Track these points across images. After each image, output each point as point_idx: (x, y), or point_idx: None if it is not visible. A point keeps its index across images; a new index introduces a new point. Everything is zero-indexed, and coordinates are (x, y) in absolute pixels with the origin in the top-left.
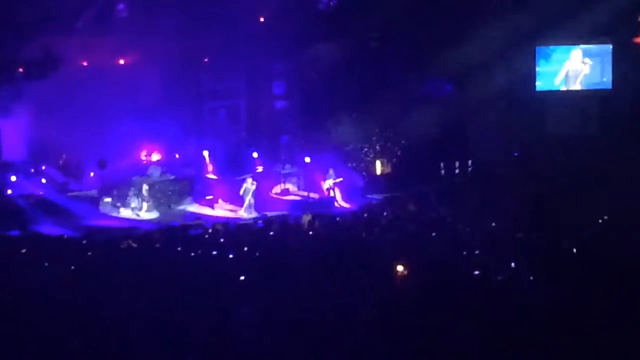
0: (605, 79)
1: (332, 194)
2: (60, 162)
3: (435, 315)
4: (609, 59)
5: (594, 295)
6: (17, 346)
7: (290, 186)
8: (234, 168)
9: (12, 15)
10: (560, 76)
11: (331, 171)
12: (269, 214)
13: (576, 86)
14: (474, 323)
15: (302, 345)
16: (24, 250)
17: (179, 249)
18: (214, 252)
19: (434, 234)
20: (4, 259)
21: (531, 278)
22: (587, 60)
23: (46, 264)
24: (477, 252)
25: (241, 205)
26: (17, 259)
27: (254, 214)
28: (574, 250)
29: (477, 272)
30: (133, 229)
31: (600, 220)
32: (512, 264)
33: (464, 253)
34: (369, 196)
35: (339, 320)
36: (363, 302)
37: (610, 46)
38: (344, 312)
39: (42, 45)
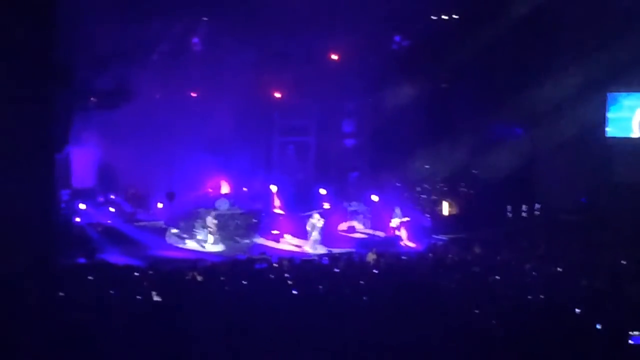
0: None
1: (398, 233)
2: (130, 192)
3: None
4: None
5: None
6: None
7: (356, 224)
8: (301, 204)
9: (87, 45)
10: (634, 123)
11: (398, 210)
12: (335, 250)
13: None
14: None
15: None
16: (90, 278)
17: (244, 282)
18: (278, 287)
19: (497, 277)
20: (71, 287)
21: (597, 325)
22: None
23: (112, 293)
24: (541, 297)
25: (307, 241)
26: (84, 287)
27: (319, 250)
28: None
29: (538, 317)
30: (199, 260)
31: None
32: (577, 310)
33: (529, 297)
34: (435, 237)
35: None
36: (424, 345)
37: None
38: (407, 353)
39: (116, 76)
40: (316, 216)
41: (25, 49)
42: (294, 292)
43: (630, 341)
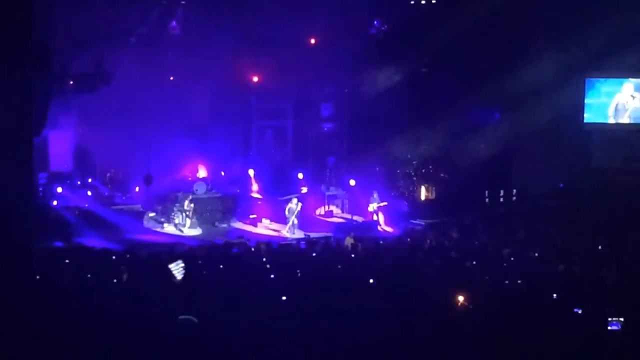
0: None
1: (375, 217)
2: (108, 175)
3: (473, 345)
4: None
5: None
6: (58, 356)
7: (334, 208)
8: (278, 188)
9: (66, 28)
10: (611, 109)
11: (375, 195)
12: (312, 234)
13: (625, 119)
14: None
15: None
16: (67, 262)
17: (222, 266)
18: (256, 272)
19: (475, 263)
20: (47, 271)
21: (574, 310)
22: (637, 94)
23: (89, 276)
24: (519, 282)
25: (285, 225)
26: (60, 270)
27: (297, 234)
28: (618, 282)
29: (515, 302)
30: (176, 244)
31: None
32: (554, 295)
33: (506, 282)
34: (413, 221)
35: (380, 345)
36: (403, 330)
37: None
38: (385, 338)
39: (94, 59)
40: (294, 200)
41: (3, 31)
42: (272, 276)
43: (609, 327)
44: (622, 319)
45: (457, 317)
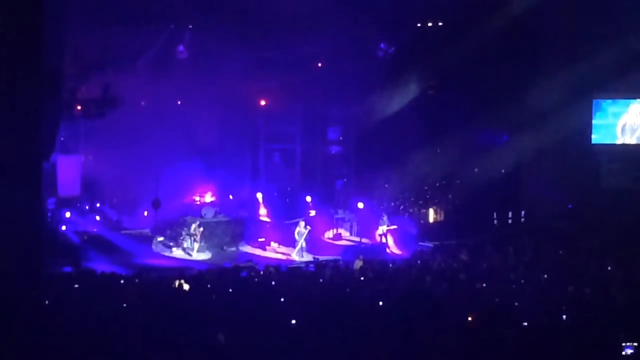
0: None
1: (384, 240)
2: (116, 200)
3: None
4: None
5: None
6: None
7: (342, 231)
8: (287, 211)
9: (74, 53)
10: (619, 129)
11: (384, 217)
12: (321, 257)
13: (632, 140)
14: None
15: None
16: (76, 286)
17: (231, 290)
18: (265, 295)
19: (484, 285)
20: (57, 295)
21: (583, 331)
22: None
23: (98, 301)
24: (528, 303)
25: (293, 248)
26: (70, 295)
27: (305, 258)
28: (630, 304)
29: (526, 324)
30: (185, 268)
31: None
32: (564, 317)
33: (516, 304)
34: (422, 243)
35: None
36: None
37: None
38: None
39: (102, 84)
40: (302, 224)
41: (13, 56)
42: (281, 299)
43: (623, 352)
44: (636, 344)
45: (466, 339)
